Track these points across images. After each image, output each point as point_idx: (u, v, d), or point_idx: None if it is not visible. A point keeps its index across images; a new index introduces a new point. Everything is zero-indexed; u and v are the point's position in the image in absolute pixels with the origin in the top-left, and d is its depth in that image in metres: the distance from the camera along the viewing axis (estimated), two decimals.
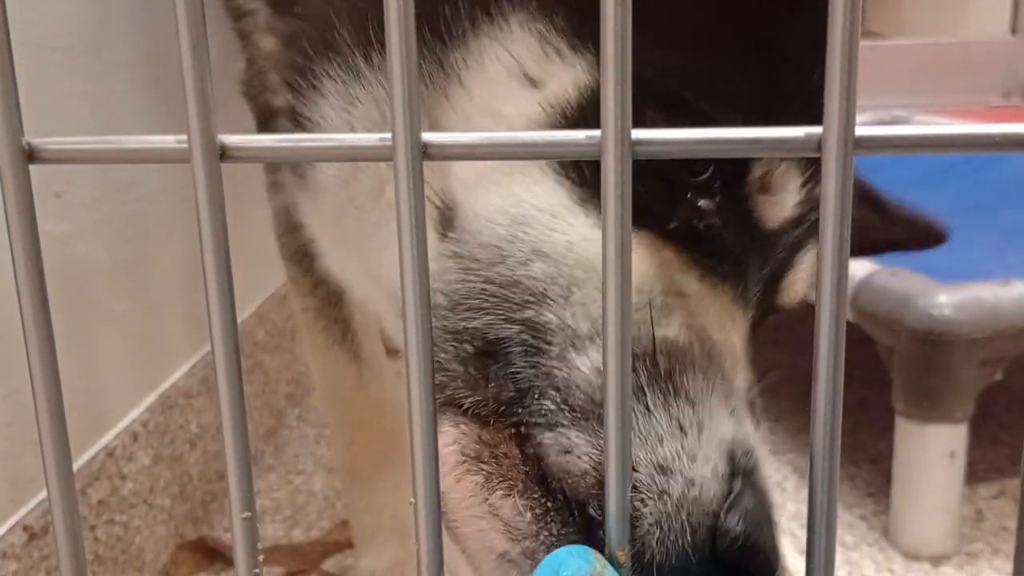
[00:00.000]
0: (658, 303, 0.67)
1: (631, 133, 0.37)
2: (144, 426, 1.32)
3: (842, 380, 0.39)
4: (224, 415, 0.41)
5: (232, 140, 0.40)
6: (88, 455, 1.21)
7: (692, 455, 0.60)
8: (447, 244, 0.70)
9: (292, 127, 0.87)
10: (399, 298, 0.39)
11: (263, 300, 1.72)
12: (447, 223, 0.71)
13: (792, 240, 0.76)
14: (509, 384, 0.64)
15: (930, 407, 1.34)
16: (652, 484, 0.59)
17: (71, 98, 1.19)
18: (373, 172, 0.79)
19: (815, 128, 0.37)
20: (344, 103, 0.78)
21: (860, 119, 0.37)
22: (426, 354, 0.40)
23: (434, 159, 0.39)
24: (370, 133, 0.41)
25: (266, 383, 1.71)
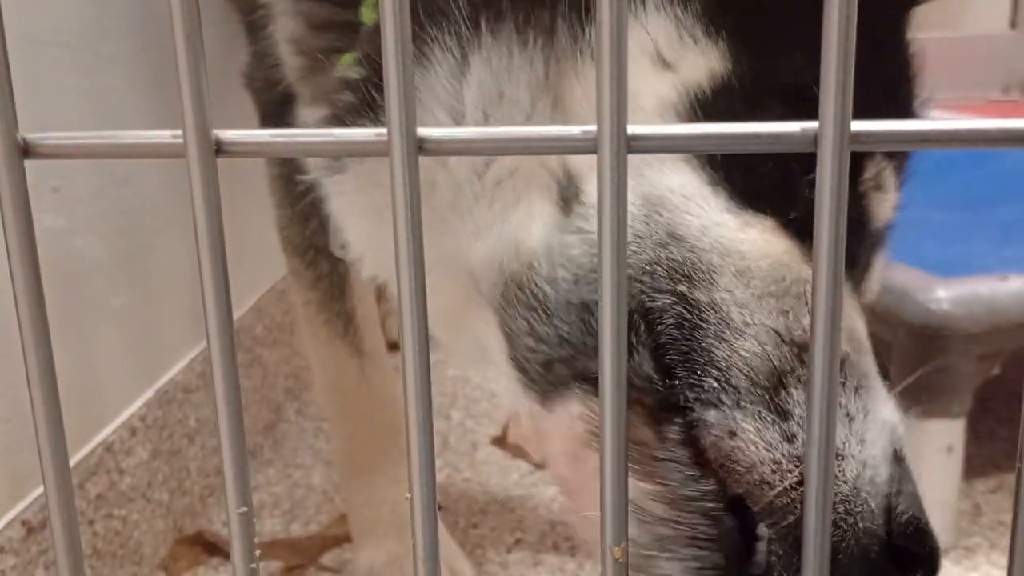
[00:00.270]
0: (793, 291, 0.66)
1: (627, 129, 0.37)
2: (142, 421, 1.32)
3: (837, 374, 0.39)
4: (220, 410, 0.41)
5: (228, 135, 0.40)
6: (86, 450, 1.21)
7: (861, 439, 0.61)
8: (571, 220, 0.69)
9: (311, 115, 0.84)
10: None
11: (261, 294, 1.72)
12: (570, 197, 0.70)
13: (875, 241, 0.77)
14: (653, 358, 0.63)
15: (928, 402, 1.34)
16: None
17: (67, 93, 1.19)
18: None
19: (811, 123, 0.37)
20: (452, 74, 0.74)
21: None
22: (423, 349, 0.40)
23: (430, 154, 0.39)
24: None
25: (264, 377, 1.71)
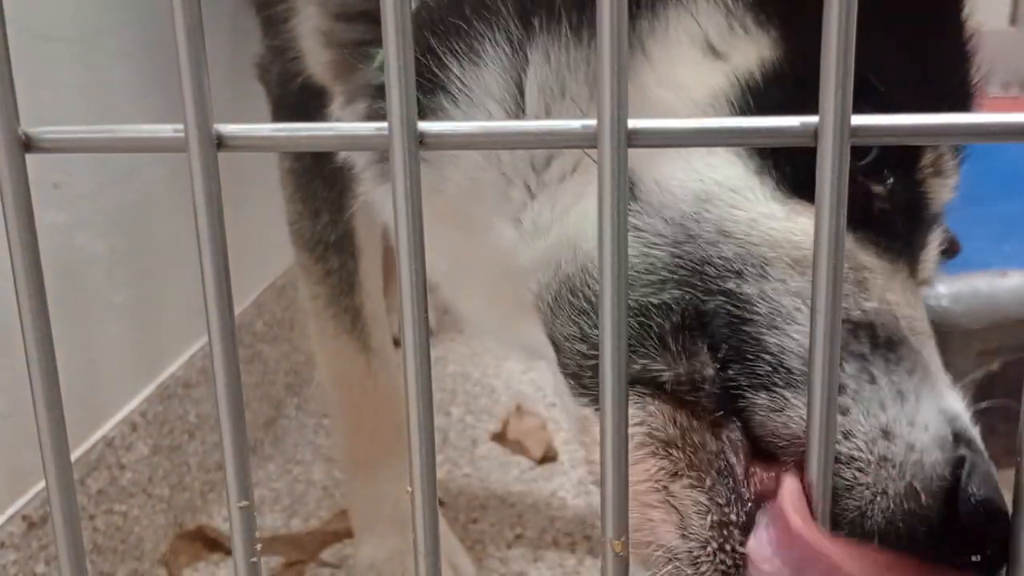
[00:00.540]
0: (850, 276, 0.66)
1: (627, 123, 0.37)
2: (143, 416, 1.32)
3: (838, 368, 0.39)
4: (221, 403, 0.41)
5: (229, 129, 0.40)
6: (87, 445, 1.21)
7: (912, 421, 0.61)
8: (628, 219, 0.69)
9: (349, 110, 0.84)
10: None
11: (262, 290, 1.72)
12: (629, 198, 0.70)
13: (931, 223, 0.77)
14: (710, 356, 0.63)
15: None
16: (871, 450, 0.59)
17: (68, 88, 1.19)
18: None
19: (811, 118, 0.37)
20: (505, 70, 0.74)
21: None
22: (423, 345, 0.41)
23: (431, 148, 0.39)
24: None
25: (265, 373, 1.71)
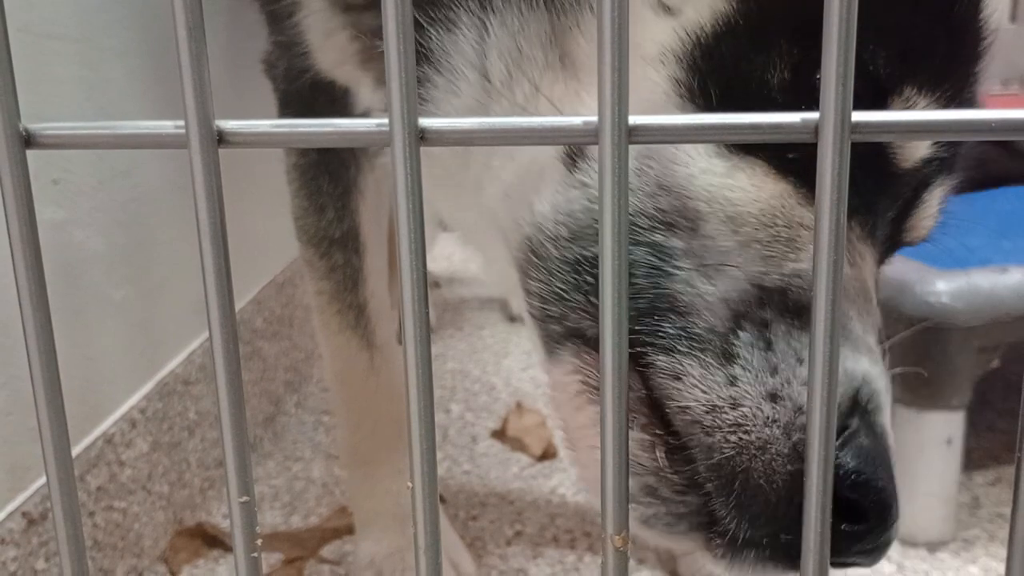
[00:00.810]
0: (783, 235, 0.66)
1: (628, 119, 0.37)
2: (143, 413, 1.32)
3: (837, 363, 0.39)
4: (221, 399, 0.41)
5: (229, 125, 0.40)
6: (87, 442, 1.21)
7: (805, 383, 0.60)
8: (574, 175, 0.70)
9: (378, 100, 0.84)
10: None
11: (262, 287, 1.72)
12: (577, 155, 0.71)
13: (920, 178, 0.75)
14: (631, 309, 0.63)
15: (927, 394, 1.34)
16: (758, 413, 0.59)
17: (69, 84, 1.19)
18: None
19: (812, 113, 0.37)
20: (479, 36, 0.76)
21: None
22: (424, 341, 0.41)
23: (431, 144, 0.39)
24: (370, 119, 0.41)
25: (264, 370, 1.71)
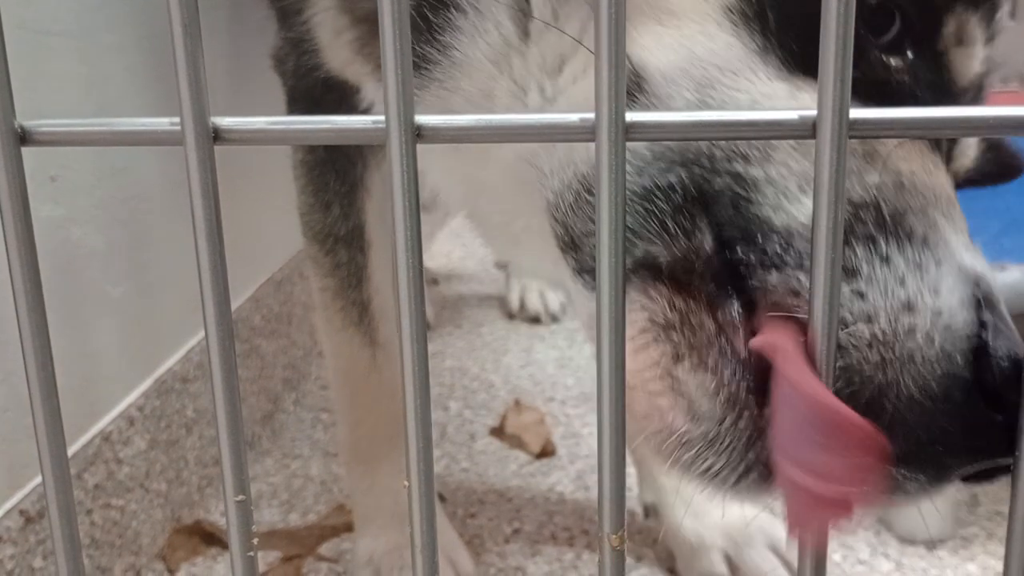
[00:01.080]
0: (857, 151, 0.66)
1: (625, 116, 0.37)
2: (140, 411, 1.32)
3: (836, 361, 0.39)
4: (217, 397, 0.41)
5: (225, 122, 0.40)
6: (84, 440, 1.21)
7: (935, 289, 0.60)
8: (638, 108, 0.70)
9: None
10: None
11: (260, 284, 1.72)
12: (636, 88, 0.70)
13: (965, 101, 0.75)
14: (712, 237, 0.62)
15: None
16: (897, 326, 0.58)
17: (67, 81, 1.19)
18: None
19: (809, 111, 0.37)
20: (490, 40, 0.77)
21: None
22: (421, 338, 0.40)
23: (428, 142, 0.39)
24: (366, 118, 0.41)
25: (263, 368, 1.71)
